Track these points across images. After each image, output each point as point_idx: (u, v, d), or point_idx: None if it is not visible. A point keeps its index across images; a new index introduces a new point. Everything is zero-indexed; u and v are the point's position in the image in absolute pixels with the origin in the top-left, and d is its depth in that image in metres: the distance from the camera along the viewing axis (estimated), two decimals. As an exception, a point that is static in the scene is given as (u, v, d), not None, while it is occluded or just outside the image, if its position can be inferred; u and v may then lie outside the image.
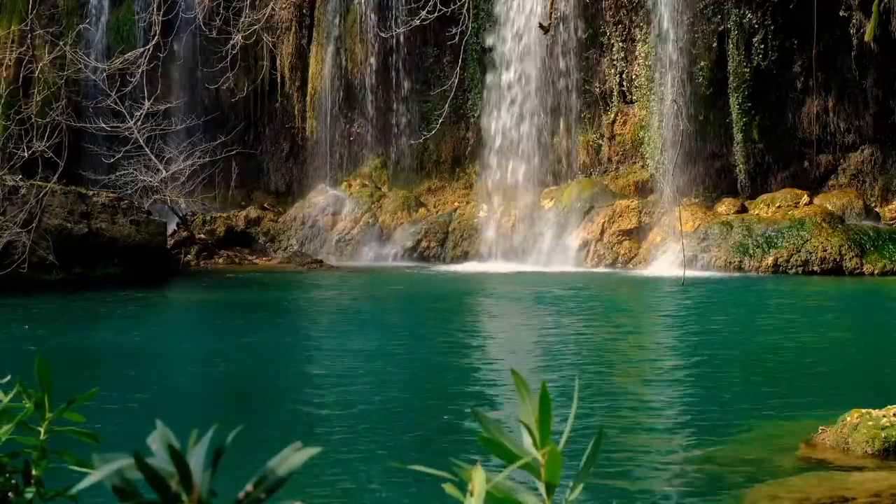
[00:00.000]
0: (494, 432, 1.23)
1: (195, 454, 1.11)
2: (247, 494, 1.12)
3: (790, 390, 10.13)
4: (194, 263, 24.57)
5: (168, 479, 1.09)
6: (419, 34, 25.84)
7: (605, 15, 24.86)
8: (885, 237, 22.19)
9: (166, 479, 1.09)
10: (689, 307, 17.14)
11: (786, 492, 6.54)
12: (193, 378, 11.42)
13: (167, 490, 1.08)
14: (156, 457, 1.12)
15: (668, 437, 8.43)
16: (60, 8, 28.19)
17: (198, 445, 1.13)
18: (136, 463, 1.08)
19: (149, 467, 1.09)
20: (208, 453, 1.12)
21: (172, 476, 1.09)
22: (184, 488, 1.08)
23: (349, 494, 6.85)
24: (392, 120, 27.37)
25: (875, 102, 23.83)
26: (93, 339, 13.81)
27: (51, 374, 1.67)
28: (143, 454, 1.11)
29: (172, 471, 1.09)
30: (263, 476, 1.14)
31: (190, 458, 1.11)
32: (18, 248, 17.38)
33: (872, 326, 15.17)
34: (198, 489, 1.09)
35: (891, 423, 7.37)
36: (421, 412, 9.37)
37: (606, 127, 25.26)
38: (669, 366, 11.82)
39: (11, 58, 21.18)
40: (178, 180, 25.64)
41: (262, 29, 25.65)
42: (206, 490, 1.10)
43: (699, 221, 22.84)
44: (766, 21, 23.69)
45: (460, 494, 1.23)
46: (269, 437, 7.74)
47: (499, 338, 14.44)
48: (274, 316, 16.64)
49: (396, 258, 25.15)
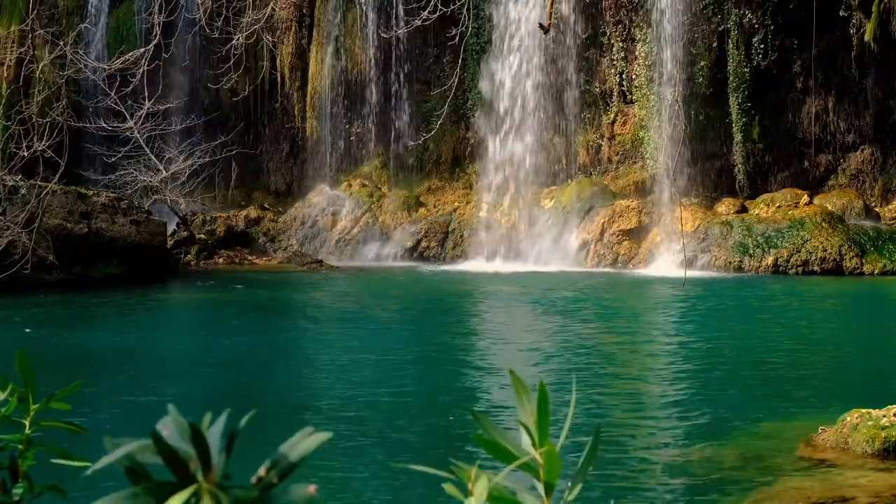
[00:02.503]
0: (493, 433, 1.24)
1: (211, 435, 1.11)
2: (259, 479, 1.12)
3: (790, 390, 10.13)
4: (194, 263, 24.56)
5: (186, 458, 1.09)
6: (419, 34, 25.83)
7: (605, 15, 24.86)
8: (885, 237, 22.19)
9: (184, 459, 1.08)
10: (689, 307, 17.14)
11: (786, 492, 6.55)
12: (193, 378, 11.42)
13: (185, 469, 1.08)
14: (170, 439, 1.12)
15: (667, 436, 8.44)
16: (60, 8, 28.18)
17: (213, 427, 1.13)
18: (153, 442, 1.08)
19: (167, 446, 1.08)
20: (223, 435, 1.12)
21: (189, 457, 1.09)
22: (202, 468, 1.08)
23: (349, 494, 6.85)
24: (392, 120, 27.37)
25: (875, 102, 23.83)
26: (92, 339, 13.81)
27: (32, 369, 1.67)
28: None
29: (188, 451, 1.09)
30: (276, 461, 1.13)
31: (206, 438, 1.11)
32: (19, 248, 17.39)
33: (872, 326, 15.17)
34: (216, 469, 1.09)
35: (891, 423, 7.38)
36: (421, 412, 9.37)
37: (606, 127, 25.26)
38: (669, 366, 11.82)
39: (12, 58, 21.19)
40: (178, 180, 25.64)
41: (262, 29, 25.65)
42: (222, 472, 1.09)
43: (699, 221, 22.85)
44: (766, 21, 23.69)
45: (460, 494, 1.23)
46: (269, 437, 7.74)
47: (498, 338, 14.44)
48: (274, 316, 16.64)
49: (396, 258, 25.16)
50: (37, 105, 17.01)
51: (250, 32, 24.76)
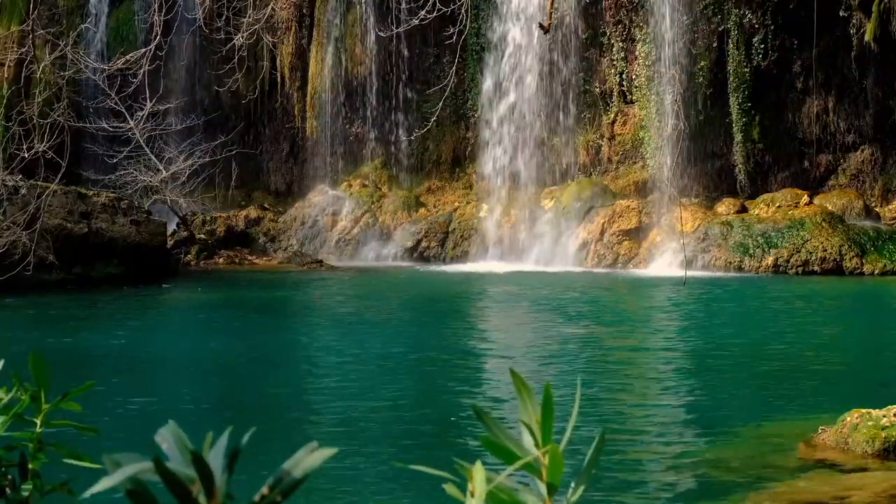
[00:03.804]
0: (497, 433, 1.24)
1: (212, 455, 1.10)
2: (262, 497, 1.10)
3: (790, 390, 10.13)
4: (194, 263, 24.56)
5: (188, 483, 1.07)
6: (419, 34, 25.83)
7: (605, 15, 24.87)
8: (885, 237, 22.19)
9: (187, 485, 1.07)
10: (690, 307, 17.14)
11: (786, 492, 6.55)
12: (193, 378, 11.42)
13: (188, 495, 1.06)
14: (166, 455, 1.10)
15: (667, 436, 8.44)
16: (60, 8, 28.18)
17: (215, 448, 1.11)
18: (156, 468, 1.06)
19: (169, 472, 1.07)
20: (225, 456, 1.11)
21: (191, 480, 1.08)
22: (205, 493, 1.07)
23: (350, 493, 6.85)
24: (392, 120, 27.37)
25: (875, 102, 23.83)
26: (92, 339, 13.81)
27: (46, 369, 1.67)
28: (151, 452, 1.10)
29: (191, 474, 1.08)
30: (279, 478, 1.11)
31: (207, 458, 1.09)
32: (19, 248, 17.38)
33: (872, 326, 15.17)
34: (219, 493, 1.07)
35: (891, 423, 7.38)
36: (421, 412, 9.37)
37: (606, 127, 25.26)
38: (669, 366, 11.82)
39: (12, 58, 21.19)
40: (178, 180, 25.64)
41: (262, 29, 25.64)
42: (224, 493, 1.08)
43: (699, 221, 22.84)
44: (766, 21, 23.69)
45: (461, 494, 1.23)
46: (269, 437, 7.75)
47: (499, 338, 14.44)
48: (274, 316, 16.64)
49: (396, 258, 25.16)
50: (37, 106, 16.99)
51: (250, 32, 24.75)
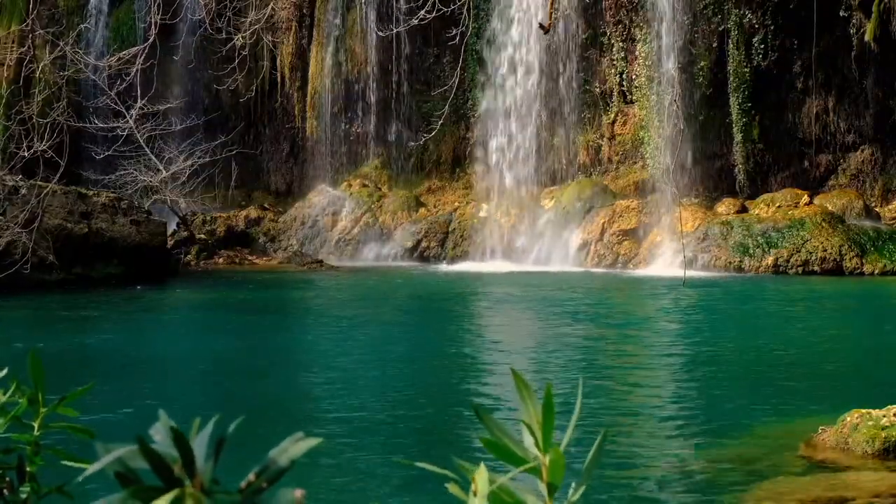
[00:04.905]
0: (498, 433, 1.24)
1: (198, 441, 1.12)
2: (248, 483, 1.13)
3: (790, 390, 10.13)
4: (194, 263, 24.56)
5: (171, 463, 1.09)
6: (419, 34, 25.84)
7: (605, 15, 24.87)
8: (885, 237, 22.20)
9: (169, 463, 1.09)
10: (690, 307, 17.14)
11: (786, 492, 6.55)
12: (193, 378, 11.42)
13: (169, 473, 1.09)
14: (158, 445, 1.13)
15: (667, 436, 8.44)
16: (60, 8, 28.21)
17: (201, 433, 1.14)
18: (139, 446, 1.09)
19: (152, 451, 1.09)
20: (211, 441, 1.13)
21: (176, 461, 1.10)
22: (186, 472, 1.09)
23: (350, 493, 6.85)
24: (392, 120, 27.38)
25: (875, 102, 23.84)
26: (92, 339, 13.81)
27: (43, 370, 1.67)
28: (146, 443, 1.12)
29: (174, 454, 1.10)
30: (265, 466, 1.14)
31: (193, 444, 1.12)
32: (19, 248, 17.39)
33: (872, 326, 15.17)
34: (200, 474, 1.09)
35: (891, 423, 7.38)
36: (422, 412, 9.37)
37: (606, 127, 25.27)
38: (669, 366, 11.82)
39: (12, 58, 21.19)
40: (178, 180, 25.65)
41: (262, 29, 25.66)
42: (209, 478, 1.10)
43: (699, 221, 22.85)
44: (766, 21, 23.69)
45: (463, 494, 1.23)
46: (269, 437, 7.74)
47: (499, 338, 14.44)
48: (274, 316, 16.65)
49: (397, 258, 25.16)
50: (37, 105, 17.01)
51: (251, 32, 24.76)
